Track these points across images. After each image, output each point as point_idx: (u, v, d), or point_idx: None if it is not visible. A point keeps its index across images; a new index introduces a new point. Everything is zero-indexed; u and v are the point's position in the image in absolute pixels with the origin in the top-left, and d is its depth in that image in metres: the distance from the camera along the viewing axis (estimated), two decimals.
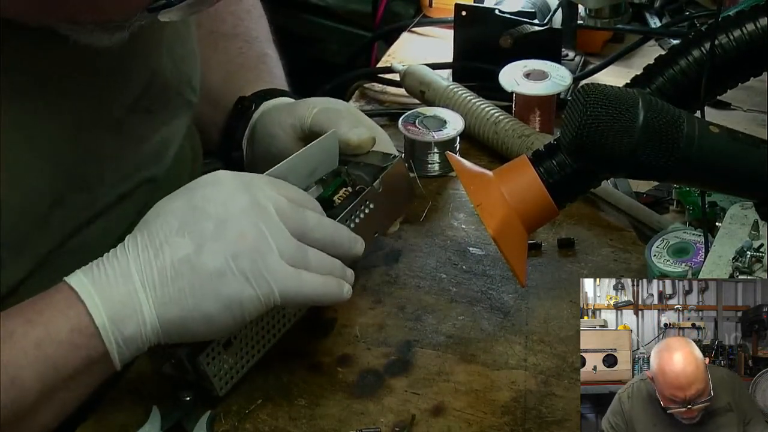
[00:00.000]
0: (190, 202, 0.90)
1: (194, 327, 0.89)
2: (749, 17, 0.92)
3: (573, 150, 0.83)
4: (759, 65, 0.93)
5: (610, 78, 1.37)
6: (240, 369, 0.95)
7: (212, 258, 0.88)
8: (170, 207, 0.90)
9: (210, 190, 0.90)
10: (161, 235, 0.89)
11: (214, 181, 0.91)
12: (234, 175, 0.92)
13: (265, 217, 0.90)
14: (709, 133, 0.84)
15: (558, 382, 0.98)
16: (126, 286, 0.87)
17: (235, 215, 0.89)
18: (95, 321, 0.87)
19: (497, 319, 1.05)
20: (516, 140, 1.24)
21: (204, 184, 0.91)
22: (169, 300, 0.88)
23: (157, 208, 0.91)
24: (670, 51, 0.95)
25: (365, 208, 1.02)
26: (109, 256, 0.90)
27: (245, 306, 0.88)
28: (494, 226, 0.94)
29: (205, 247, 0.88)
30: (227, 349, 0.93)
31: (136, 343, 0.88)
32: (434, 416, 0.95)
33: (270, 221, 0.90)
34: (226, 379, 0.94)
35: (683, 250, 1.05)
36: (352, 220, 1.01)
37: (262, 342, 0.96)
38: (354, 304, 1.07)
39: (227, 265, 0.88)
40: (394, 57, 1.51)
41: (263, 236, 0.89)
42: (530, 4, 1.42)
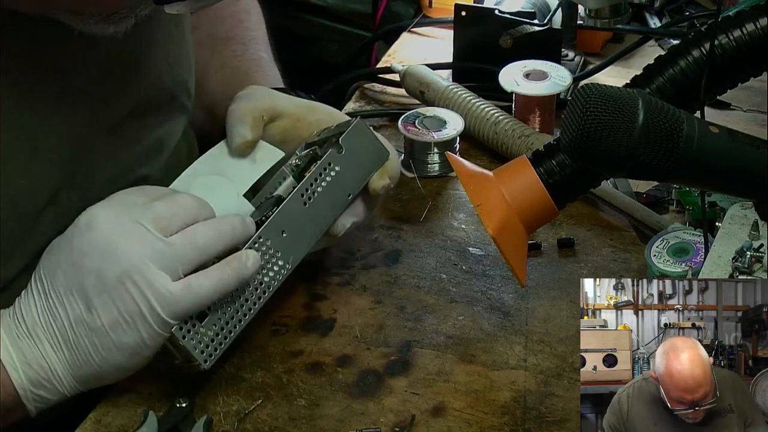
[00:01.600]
0: (70, 259, 0.90)
1: (110, 376, 0.92)
2: (749, 17, 0.92)
3: (573, 150, 0.83)
4: (759, 65, 0.93)
5: (610, 78, 1.37)
6: (223, 339, 0.95)
7: (102, 313, 0.89)
8: (57, 260, 0.91)
9: (84, 240, 0.90)
10: (54, 294, 0.90)
11: (87, 225, 0.91)
12: (107, 210, 0.91)
13: (142, 246, 0.89)
14: (709, 133, 0.83)
15: (558, 382, 0.98)
16: (38, 348, 0.90)
17: (112, 260, 0.89)
18: (15, 384, 0.90)
19: (497, 319, 1.05)
20: (516, 140, 1.24)
21: (79, 232, 0.91)
22: (78, 362, 0.90)
23: (50, 256, 0.92)
24: (670, 51, 0.95)
25: (330, 170, 1.01)
26: (22, 307, 0.91)
27: (149, 344, 0.90)
28: (494, 226, 0.94)
29: (93, 303, 0.89)
30: (202, 321, 0.93)
31: (56, 398, 0.92)
32: (434, 416, 0.95)
33: (148, 248, 0.89)
34: (210, 351, 0.94)
35: (683, 250, 1.05)
36: (319, 183, 1.00)
37: (242, 311, 0.96)
38: (354, 304, 1.08)
39: (118, 315, 0.89)
40: (394, 57, 1.51)
41: (144, 270, 0.89)
42: (530, 4, 1.42)
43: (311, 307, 1.07)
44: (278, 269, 0.98)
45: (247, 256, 0.94)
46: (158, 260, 0.89)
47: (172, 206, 0.92)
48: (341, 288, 1.09)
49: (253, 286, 0.97)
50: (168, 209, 0.92)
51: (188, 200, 0.93)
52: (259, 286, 0.97)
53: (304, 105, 1.09)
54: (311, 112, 1.09)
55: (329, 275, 1.11)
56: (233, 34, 1.27)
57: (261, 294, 0.97)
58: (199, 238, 0.91)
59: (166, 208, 0.91)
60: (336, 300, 1.08)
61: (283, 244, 0.98)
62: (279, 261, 0.98)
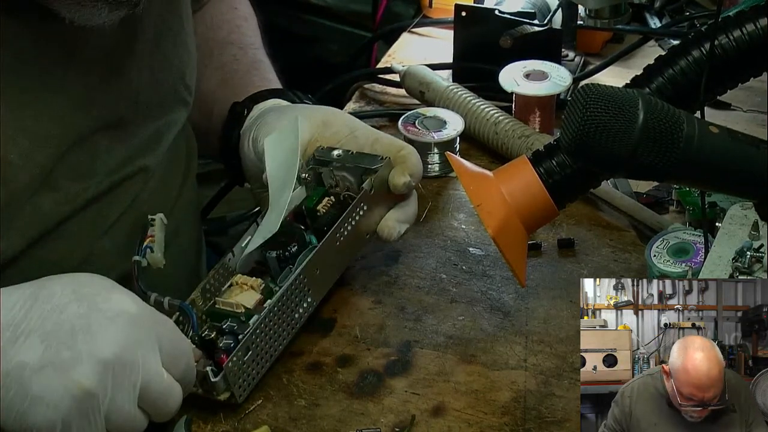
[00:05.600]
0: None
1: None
2: (749, 17, 0.92)
3: (573, 150, 0.83)
4: (759, 65, 0.93)
5: (610, 78, 1.37)
6: (256, 375, 0.96)
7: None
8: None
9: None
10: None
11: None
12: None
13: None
14: (709, 133, 0.83)
15: (558, 382, 0.98)
16: None
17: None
18: None
19: (497, 320, 1.05)
20: (516, 140, 1.24)
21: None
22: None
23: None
24: (670, 51, 0.95)
25: (360, 210, 1.03)
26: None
27: None
28: (494, 227, 0.94)
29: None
30: (246, 355, 0.94)
31: None
32: (434, 416, 0.95)
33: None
34: (245, 386, 0.95)
35: (683, 250, 1.05)
36: (349, 223, 1.02)
37: (274, 346, 0.97)
38: (354, 304, 1.08)
39: None
40: (394, 57, 1.51)
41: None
42: (530, 5, 1.42)
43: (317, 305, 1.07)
44: (307, 305, 1.00)
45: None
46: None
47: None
48: (341, 288, 1.09)
49: (286, 323, 0.98)
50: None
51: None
52: (290, 322, 0.98)
53: (319, 121, 1.10)
54: (327, 127, 1.09)
55: None
56: (231, 39, 1.28)
57: (290, 330, 0.99)
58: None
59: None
60: (336, 300, 1.08)
61: (315, 282, 1.00)
62: (308, 297, 1.00)
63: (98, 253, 1.03)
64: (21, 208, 0.96)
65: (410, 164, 1.06)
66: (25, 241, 0.97)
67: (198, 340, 0.94)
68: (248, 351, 0.94)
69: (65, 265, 0.99)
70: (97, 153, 1.01)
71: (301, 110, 1.12)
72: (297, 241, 1.01)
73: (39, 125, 0.95)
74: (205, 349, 0.94)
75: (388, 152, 1.06)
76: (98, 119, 1.00)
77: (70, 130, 0.98)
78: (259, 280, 0.99)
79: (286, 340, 0.98)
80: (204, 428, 0.94)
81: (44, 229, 0.98)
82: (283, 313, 0.97)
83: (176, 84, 1.11)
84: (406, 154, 1.06)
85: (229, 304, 0.97)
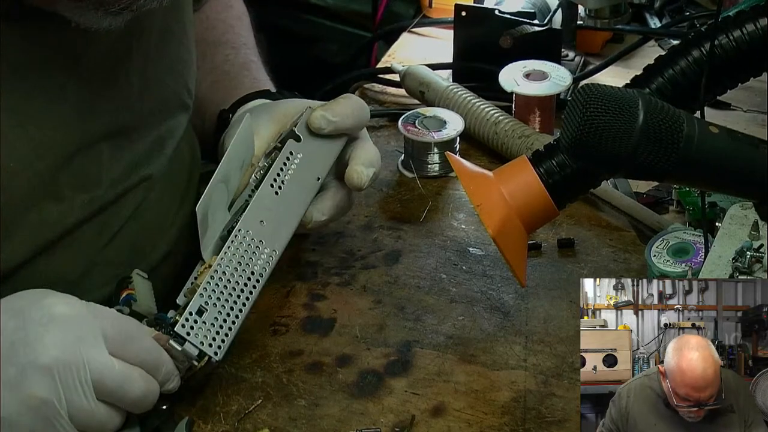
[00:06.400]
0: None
1: None
2: (749, 17, 0.92)
3: (573, 150, 0.83)
4: (759, 65, 0.93)
5: (610, 78, 1.37)
6: (228, 331, 0.95)
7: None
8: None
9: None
10: None
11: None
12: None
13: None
14: (709, 133, 0.83)
15: (558, 382, 0.98)
16: None
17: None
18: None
19: (497, 320, 1.05)
20: (516, 140, 1.24)
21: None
22: None
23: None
24: (669, 51, 0.95)
25: (294, 159, 1.04)
26: None
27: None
28: (494, 227, 0.94)
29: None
30: (201, 315, 0.94)
31: None
32: (434, 416, 0.95)
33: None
34: (218, 343, 0.94)
35: (683, 250, 1.05)
36: (286, 172, 1.03)
37: (240, 301, 0.97)
38: (354, 304, 1.08)
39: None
40: (394, 57, 1.51)
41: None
42: (530, 5, 1.42)
43: (311, 307, 1.07)
44: (266, 257, 1.00)
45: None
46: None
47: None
48: (341, 288, 1.09)
49: (246, 276, 0.98)
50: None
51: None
52: (252, 275, 0.98)
53: (280, 114, 1.10)
54: (289, 118, 1.09)
55: (329, 275, 1.11)
56: (225, 39, 1.28)
57: (255, 283, 0.99)
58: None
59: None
60: (336, 300, 1.08)
61: (264, 233, 1.00)
62: (265, 249, 1.00)
63: (101, 262, 1.03)
64: (23, 217, 0.95)
65: (336, 105, 1.06)
66: (29, 250, 0.97)
67: (170, 328, 0.94)
68: (204, 310, 0.94)
69: (68, 275, 0.99)
70: (101, 161, 1.01)
71: (267, 108, 1.12)
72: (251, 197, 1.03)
73: (41, 133, 0.95)
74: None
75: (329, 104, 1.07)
76: (101, 127, 1.00)
77: (73, 138, 0.97)
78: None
79: (252, 293, 0.98)
80: (204, 428, 0.94)
81: (49, 239, 0.98)
82: (236, 267, 0.97)
83: (179, 89, 1.10)
84: (338, 98, 1.07)
85: (202, 282, 0.97)
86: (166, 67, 1.08)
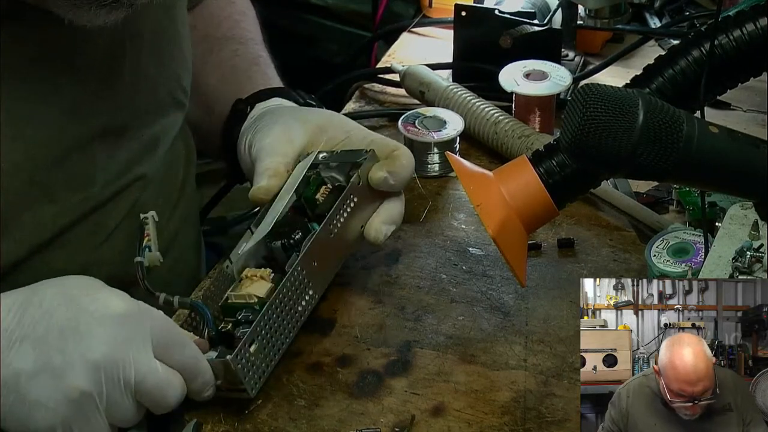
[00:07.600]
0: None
1: None
2: (749, 17, 0.92)
3: (573, 150, 0.83)
4: (759, 65, 0.93)
5: (610, 78, 1.37)
6: (266, 368, 0.95)
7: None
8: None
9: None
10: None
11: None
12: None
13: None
14: (709, 133, 0.83)
15: (558, 382, 0.98)
16: None
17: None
18: None
19: (497, 320, 1.05)
20: (516, 140, 1.24)
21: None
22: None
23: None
24: (669, 51, 0.95)
25: (350, 202, 1.03)
26: None
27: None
28: (494, 227, 0.94)
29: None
30: (251, 347, 0.93)
31: None
32: (434, 416, 0.95)
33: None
34: (255, 379, 0.94)
35: (683, 250, 1.05)
36: (341, 215, 1.02)
37: (281, 340, 0.97)
38: (354, 304, 1.08)
39: None
40: (394, 57, 1.51)
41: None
42: (530, 4, 1.42)
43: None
44: (309, 299, 0.99)
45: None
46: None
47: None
48: (341, 288, 1.09)
49: (290, 316, 0.97)
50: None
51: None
52: (294, 315, 0.98)
53: (314, 126, 1.09)
54: (323, 132, 1.08)
55: None
56: (231, 34, 1.27)
57: (295, 323, 0.98)
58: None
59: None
60: (336, 300, 1.08)
61: (314, 274, 0.99)
62: (309, 291, 0.99)
63: (97, 261, 1.03)
64: (18, 217, 0.95)
65: (397, 163, 1.05)
66: (24, 250, 0.97)
67: (216, 335, 0.95)
68: (254, 343, 0.93)
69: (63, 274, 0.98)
70: (95, 161, 1.01)
71: (297, 115, 1.11)
72: (300, 229, 1.01)
73: (34, 133, 0.95)
74: (225, 343, 0.94)
75: (381, 152, 1.06)
76: (95, 126, 1.00)
77: (67, 138, 0.97)
78: (268, 270, 0.99)
79: (292, 333, 0.98)
80: (204, 428, 0.94)
81: (43, 239, 0.98)
82: (286, 305, 0.97)
83: (173, 88, 1.10)
84: (397, 154, 1.06)
85: (241, 297, 0.97)
86: (159, 66, 1.07)
